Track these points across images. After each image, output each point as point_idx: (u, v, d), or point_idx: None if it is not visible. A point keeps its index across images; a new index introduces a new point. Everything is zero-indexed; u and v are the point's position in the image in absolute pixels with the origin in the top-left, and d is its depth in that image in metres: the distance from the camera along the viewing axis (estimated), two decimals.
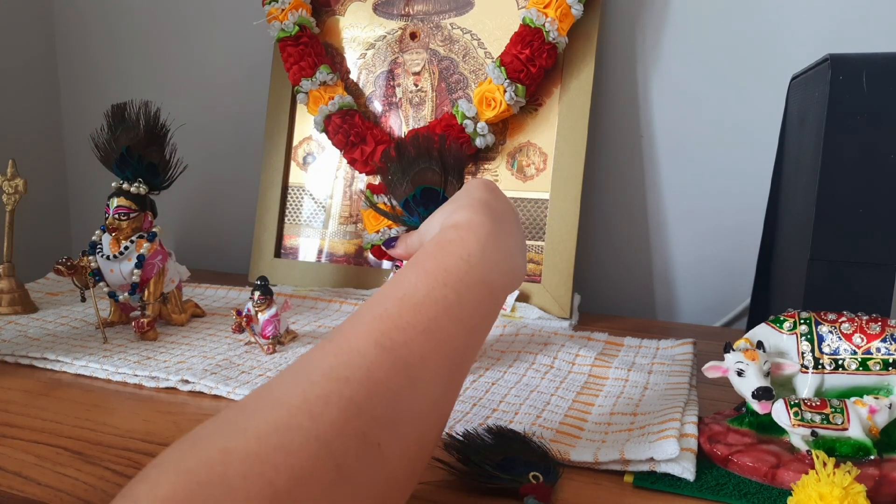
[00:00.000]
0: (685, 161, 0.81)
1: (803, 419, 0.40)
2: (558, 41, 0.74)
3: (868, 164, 0.49)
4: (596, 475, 0.41)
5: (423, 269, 0.35)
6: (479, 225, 0.39)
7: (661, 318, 0.85)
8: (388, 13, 0.86)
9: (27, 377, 0.56)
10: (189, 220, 1.07)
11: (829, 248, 0.51)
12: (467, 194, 0.43)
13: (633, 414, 0.48)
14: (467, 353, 0.35)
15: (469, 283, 0.35)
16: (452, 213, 0.41)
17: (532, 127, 0.79)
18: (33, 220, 1.06)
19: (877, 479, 0.37)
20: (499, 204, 0.43)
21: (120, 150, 0.65)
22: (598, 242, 0.86)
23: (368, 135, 0.82)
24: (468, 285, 0.35)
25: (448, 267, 0.35)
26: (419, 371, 0.31)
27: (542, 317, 0.74)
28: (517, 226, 0.44)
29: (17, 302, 0.73)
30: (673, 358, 0.60)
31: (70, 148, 1.15)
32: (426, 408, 0.32)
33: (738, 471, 0.40)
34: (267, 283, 0.62)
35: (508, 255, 0.40)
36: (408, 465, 0.30)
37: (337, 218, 0.88)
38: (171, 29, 1.05)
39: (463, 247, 0.37)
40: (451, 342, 0.33)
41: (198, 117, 1.01)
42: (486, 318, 0.37)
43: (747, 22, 0.77)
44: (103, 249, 0.65)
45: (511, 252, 0.40)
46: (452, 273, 0.35)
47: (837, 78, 0.49)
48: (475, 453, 0.40)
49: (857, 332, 0.42)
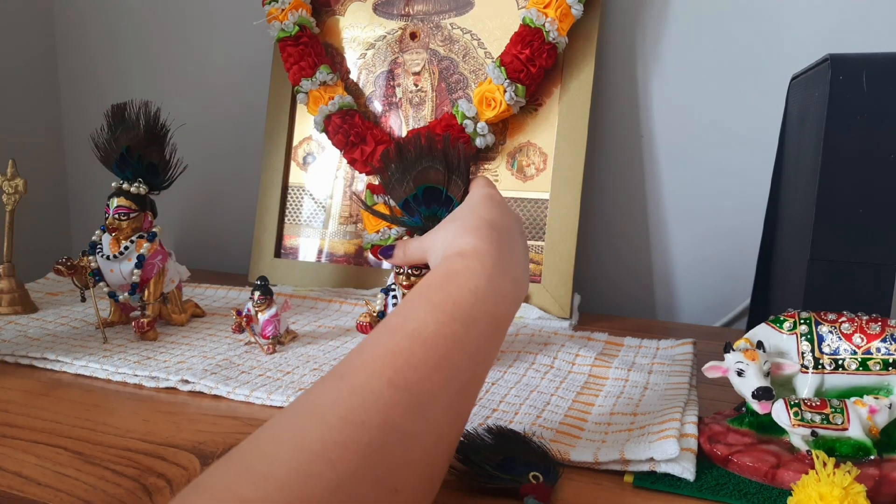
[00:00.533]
0: (685, 161, 0.81)
1: (803, 419, 0.40)
2: (558, 41, 0.74)
3: (868, 164, 0.49)
4: (596, 475, 0.41)
5: (431, 301, 0.35)
6: (485, 254, 0.39)
7: (661, 318, 0.85)
8: (388, 13, 0.86)
9: (27, 377, 0.56)
10: (189, 220, 1.07)
11: (829, 247, 0.51)
12: (472, 212, 0.43)
13: (633, 414, 0.48)
14: (474, 385, 0.35)
15: (476, 317, 0.36)
16: (458, 237, 0.41)
17: (532, 127, 0.79)
18: (33, 220, 1.06)
19: (877, 479, 0.37)
20: (504, 219, 0.43)
21: (120, 150, 0.65)
22: (598, 242, 0.86)
23: (368, 135, 0.82)
24: (475, 318, 0.35)
25: (457, 300, 0.35)
26: (431, 410, 0.31)
27: (542, 317, 0.74)
28: (521, 240, 0.43)
29: (17, 302, 0.73)
30: (673, 358, 0.60)
31: (70, 148, 1.15)
32: (435, 443, 0.32)
33: (738, 471, 0.40)
34: (267, 283, 0.62)
35: (514, 283, 0.40)
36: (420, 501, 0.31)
37: (337, 218, 0.88)
38: (171, 29, 1.05)
39: (470, 278, 0.37)
40: (460, 377, 0.33)
41: (198, 117, 1.01)
42: (492, 350, 0.37)
43: (747, 22, 0.77)
44: (103, 249, 0.65)
45: (517, 278, 0.40)
46: (460, 306, 0.35)
47: (837, 78, 0.49)
48: (475, 453, 0.40)
49: (857, 332, 0.42)
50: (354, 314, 0.74)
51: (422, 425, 0.31)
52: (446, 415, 0.32)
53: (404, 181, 0.55)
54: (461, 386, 0.34)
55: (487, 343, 0.36)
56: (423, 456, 0.30)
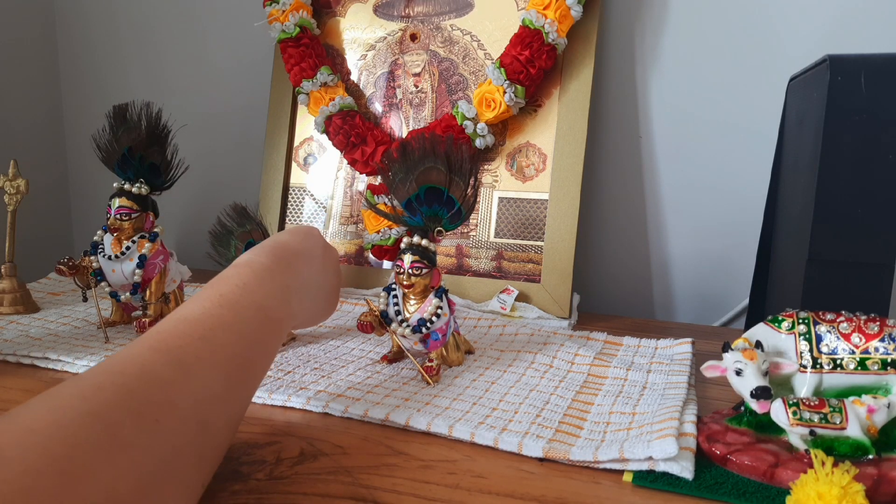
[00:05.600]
0: (684, 161, 0.82)
1: (802, 418, 0.40)
2: (558, 42, 0.74)
3: (866, 165, 0.49)
4: (595, 474, 0.41)
5: (200, 297, 0.41)
6: (258, 263, 0.46)
7: (660, 317, 0.86)
8: (388, 14, 0.86)
9: (29, 377, 0.56)
10: (190, 220, 1.07)
11: (828, 247, 0.51)
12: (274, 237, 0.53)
13: (632, 413, 0.48)
14: (250, 362, 0.40)
15: (244, 305, 0.42)
16: (246, 255, 0.48)
17: (531, 128, 0.79)
18: (35, 220, 1.06)
19: (875, 479, 0.37)
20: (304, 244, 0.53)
21: (122, 151, 0.65)
22: (598, 242, 0.86)
23: (369, 136, 0.82)
24: (243, 307, 0.41)
25: (223, 293, 0.41)
26: (195, 367, 0.35)
27: (542, 316, 0.74)
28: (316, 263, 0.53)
29: (18, 302, 0.73)
30: (672, 357, 0.60)
31: (72, 149, 1.15)
32: (206, 397, 0.35)
33: (736, 470, 0.40)
34: None
35: (285, 289, 0.46)
36: (193, 441, 0.33)
37: (337, 218, 0.88)
38: (173, 30, 1.05)
39: (239, 278, 0.43)
40: (228, 349, 0.38)
41: (199, 118, 1.01)
42: (268, 337, 0.43)
43: (746, 22, 0.77)
44: (105, 249, 0.65)
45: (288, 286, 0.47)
46: (227, 297, 0.41)
47: (836, 78, 0.50)
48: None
49: (855, 331, 0.42)
50: (355, 314, 0.74)
51: (184, 378, 0.34)
52: (213, 374, 0.36)
53: (407, 181, 0.55)
54: (230, 356, 0.38)
55: (259, 328, 0.42)
56: (191, 403, 0.34)
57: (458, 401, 0.50)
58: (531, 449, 0.43)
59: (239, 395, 0.39)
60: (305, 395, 0.50)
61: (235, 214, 0.67)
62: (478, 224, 0.81)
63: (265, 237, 0.66)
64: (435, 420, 0.46)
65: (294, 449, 0.43)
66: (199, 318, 0.38)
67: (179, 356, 0.35)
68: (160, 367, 0.34)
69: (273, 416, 0.48)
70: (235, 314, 0.40)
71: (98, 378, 0.32)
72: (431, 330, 0.54)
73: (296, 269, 0.50)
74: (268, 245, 0.50)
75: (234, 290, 0.42)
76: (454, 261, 0.81)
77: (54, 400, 0.29)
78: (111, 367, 0.33)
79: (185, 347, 0.36)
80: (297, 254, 0.51)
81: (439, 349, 0.56)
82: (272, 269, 0.46)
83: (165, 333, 0.36)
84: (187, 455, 0.33)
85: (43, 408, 0.29)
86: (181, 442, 0.32)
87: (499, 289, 0.77)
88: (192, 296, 0.77)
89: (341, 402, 0.49)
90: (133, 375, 0.32)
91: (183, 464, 0.33)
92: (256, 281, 0.44)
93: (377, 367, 0.58)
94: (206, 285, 0.43)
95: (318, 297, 0.55)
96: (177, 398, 0.33)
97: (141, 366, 0.33)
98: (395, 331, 0.55)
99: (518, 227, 0.78)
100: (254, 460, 0.41)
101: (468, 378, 0.55)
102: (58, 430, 0.28)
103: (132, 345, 0.35)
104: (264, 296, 0.43)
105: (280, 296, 0.45)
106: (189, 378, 0.35)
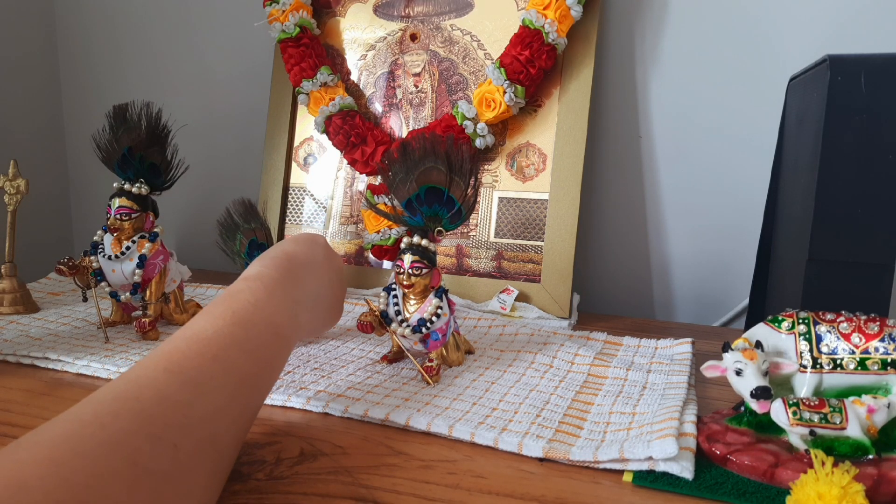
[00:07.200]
0: (684, 161, 0.82)
1: (802, 418, 0.40)
2: (558, 42, 0.74)
3: (866, 165, 0.50)
4: (595, 473, 0.41)
5: (212, 314, 0.41)
6: (268, 277, 0.46)
7: (660, 317, 0.86)
8: (388, 14, 0.86)
9: (29, 377, 0.56)
10: (190, 220, 1.07)
11: (828, 248, 0.51)
12: (274, 247, 0.53)
13: (632, 413, 0.48)
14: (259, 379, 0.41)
15: (256, 322, 0.42)
16: (253, 265, 0.49)
17: (531, 128, 0.79)
18: (35, 220, 1.06)
19: (875, 479, 0.37)
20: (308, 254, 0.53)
21: (121, 151, 0.65)
22: (598, 242, 0.86)
23: (369, 135, 0.82)
24: (255, 323, 0.42)
25: (236, 310, 0.42)
26: (207, 387, 0.36)
27: (542, 316, 0.74)
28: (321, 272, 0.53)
29: (18, 302, 0.73)
30: (672, 357, 0.60)
31: (72, 149, 1.15)
32: (215, 414, 0.36)
33: (736, 470, 0.40)
34: None
35: (294, 302, 0.47)
36: (205, 460, 0.34)
37: (337, 218, 0.88)
38: (173, 30, 1.05)
39: (251, 294, 0.44)
40: (239, 368, 0.39)
41: (199, 118, 1.01)
42: (277, 353, 0.43)
43: (746, 23, 0.77)
44: (105, 249, 0.65)
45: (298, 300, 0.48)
46: (239, 314, 0.41)
47: (836, 79, 0.50)
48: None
49: (855, 331, 0.42)
50: (355, 314, 0.74)
51: (198, 399, 0.35)
52: (226, 394, 0.37)
53: (407, 181, 0.55)
54: (242, 376, 0.39)
55: (269, 345, 0.42)
56: (202, 421, 0.34)
57: (458, 401, 0.50)
58: (531, 449, 0.43)
59: (246, 411, 0.40)
60: (305, 395, 0.50)
61: (242, 210, 0.68)
62: (478, 224, 0.81)
63: (268, 238, 0.67)
64: (435, 420, 0.46)
65: (294, 449, 0.43)
66: (212, 338, 0.38)
67: (194, 377, 0.35)
68: (175, 389, 0.34)
69: (273, 416, 0.48)
70: (247, 332, 0.41)
71: (115, 405, 0.32)
72: (431, 330, 0.54)
73: (303, 282, 0.50)
74: (277, 256, 0.50)
75: (247, 308, 0.42)
76: (454, 261, 0.81)
77: (73, 426, 0.30)
78: (126, 393, 0.33)
79: (199, 368, 0.36)
80: (304, 266, 0.52)
81: (439, 349, 0.56)
82: (283, 282, 0.47)
83: (179, 354, 0.36)
84: (201, 475, 0.34)
85: (62, 436, 0.29)
86: (196, 462, 0.33)
87: (499, 289, 0.77)
88: (192, 297, 0.77)
89: (341, 402, 0.49)
90: (149, 400, 0.33)
91: (197, 484, 0.33)
92: (267, 296, 0.44)
93: (377, 367, 0.58)
94: (218, 299, 0.43)
95: (322, 309, 0.56)
96: (192, 419, 0.34)
97: (157, 390, 0.33)
98: (395, 331, 0.55)
99: (518, 227, 0.78)
100: (254, 460, 0.41)
101: (468, 378, 0.55)
102: (80, 460, 0.28)
103: (145, 366, 0.35)
104: (274, 312, 0.44)
105: (289, 311, 0.46)
106: (202, 398, 0.35)
